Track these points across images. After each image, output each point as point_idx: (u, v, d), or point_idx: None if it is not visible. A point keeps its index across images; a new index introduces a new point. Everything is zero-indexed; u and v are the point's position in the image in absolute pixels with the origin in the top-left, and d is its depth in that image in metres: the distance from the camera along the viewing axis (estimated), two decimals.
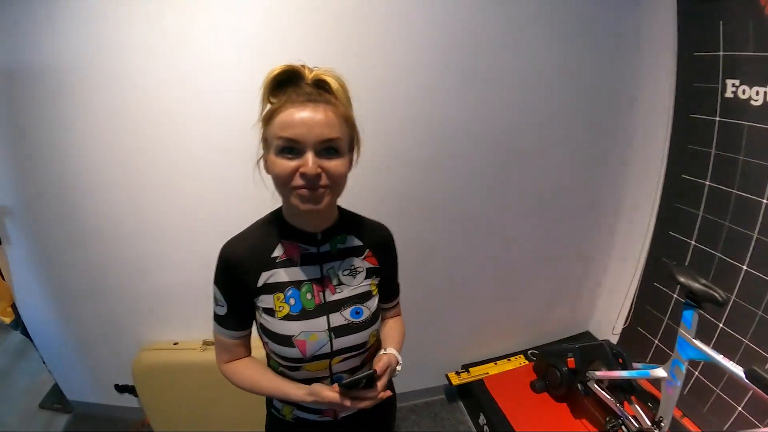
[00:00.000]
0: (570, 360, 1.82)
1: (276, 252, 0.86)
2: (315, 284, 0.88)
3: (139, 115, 1.63)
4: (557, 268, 2.22)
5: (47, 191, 1.77)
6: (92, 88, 1.61)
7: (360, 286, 0.92)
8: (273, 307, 0.85)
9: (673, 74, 1.76)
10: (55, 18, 1.55)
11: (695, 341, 1.32)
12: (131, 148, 1.67)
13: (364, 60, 1.62)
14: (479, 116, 1.79)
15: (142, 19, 1.53)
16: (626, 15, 1.79)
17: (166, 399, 1.90)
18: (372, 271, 0.95)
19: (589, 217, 2.14)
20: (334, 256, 0.90)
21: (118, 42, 1.55)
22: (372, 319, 0.92)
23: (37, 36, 1.59)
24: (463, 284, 2.11)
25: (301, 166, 0.74)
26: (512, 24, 1.69)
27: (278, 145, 0.75)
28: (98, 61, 1.57)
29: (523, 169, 1.93)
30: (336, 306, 0.88)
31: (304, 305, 0.86)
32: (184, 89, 1.60)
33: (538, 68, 1.77)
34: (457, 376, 2.18)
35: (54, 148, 1.70)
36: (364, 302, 0.91)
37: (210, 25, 1.54)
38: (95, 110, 1.63)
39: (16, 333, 2.51)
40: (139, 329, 1.98)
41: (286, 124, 0.74)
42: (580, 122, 1.91)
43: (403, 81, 1.68)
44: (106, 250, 1.84)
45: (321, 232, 0.89)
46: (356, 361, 0.94)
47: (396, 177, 1.81)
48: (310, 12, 1.55)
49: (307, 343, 0.85)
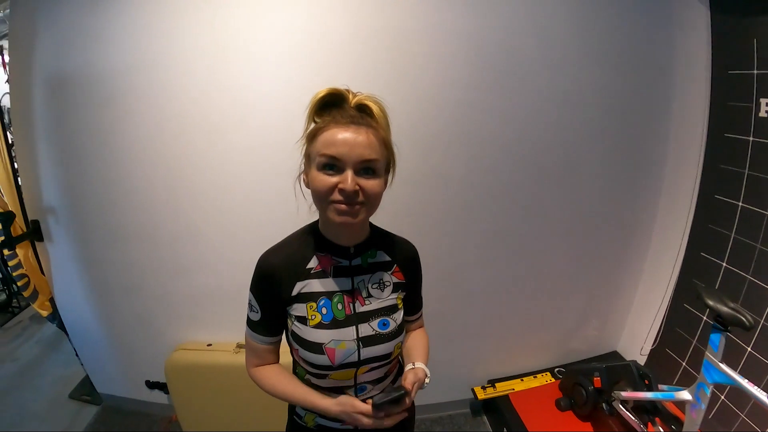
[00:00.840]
0: (596, 379, 1.82)
1: (311, 263, 0.91)
2: (346, 295, 0.93)
3: (181, 123, 1.72)
4: (587, 286, 2.21)
5: (90, 192, 1.88)
6: (137, 96, 1.72)
7: (387, 299, 0.97)
8: (305, 315, 0.89)
9: (707, 93, 1.76)
10: (103, 29, 1.67)
11: (721, 365, 1.32)
12: (172, 154, 1.77)
13: (399, 76, 1.68)
14: (511, 133, 1.81)
15: (186, 33, 1.63)
16: (660, 33, 1.80)
17: (196, 398, 1.96)
18: (398, 286, 1.00)
19: (620, 236, 2.13)
20: (364, 269, 0.96)
21: (163, 53, 1.66)
22: (397, 331, 0.96)
23: (85, 46, 1.71)
24: (492, 299, 2.12)
25: (340, 182, 0.80)
26: (546, 42, 1.71)
27: (320, 161, 0.81)
28: (144, 71, 1.69)
29: (554, 187, 1.94)
30: (365, 317, 0.93)
31: (335, 315, 0.91)
32: (225, 100, 1.69)
33: (572, 86, 1.78)
34: (483, 390, 2.19)
35: (98, 152, 1.82)
36: (390, 314, 0.96)
37: (251, 41, 1.63)
38: (139, 117, 1.74)
39: (51, 325, 2.65)
40: (173, 328, 2.06)
41: (330, 142, 0.80)
42: (613, 141, 1.92)
43: (436, 97, 1.72)
44: (145, 250, 1.94)
45: (354, 246, 0.94)
46: (380, 372, 0.98)
47: (426, 191, 1.85)
48: (347, 30, 1.62)
49: (336, 351, 0.89)
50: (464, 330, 2.15)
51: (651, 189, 2.06)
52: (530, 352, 2.32)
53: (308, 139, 0.86)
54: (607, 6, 1.71)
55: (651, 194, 2.07)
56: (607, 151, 1.93)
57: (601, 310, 2.30)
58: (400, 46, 1.65)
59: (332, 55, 1.64)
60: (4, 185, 2.00)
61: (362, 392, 0.97)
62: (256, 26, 1.62)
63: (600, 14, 1.72)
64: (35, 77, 1.80)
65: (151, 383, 2.22)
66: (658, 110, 1.92)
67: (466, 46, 1.67)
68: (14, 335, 3.41)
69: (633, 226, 2.12)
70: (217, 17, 1.61)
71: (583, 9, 1.70)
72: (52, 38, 1.74)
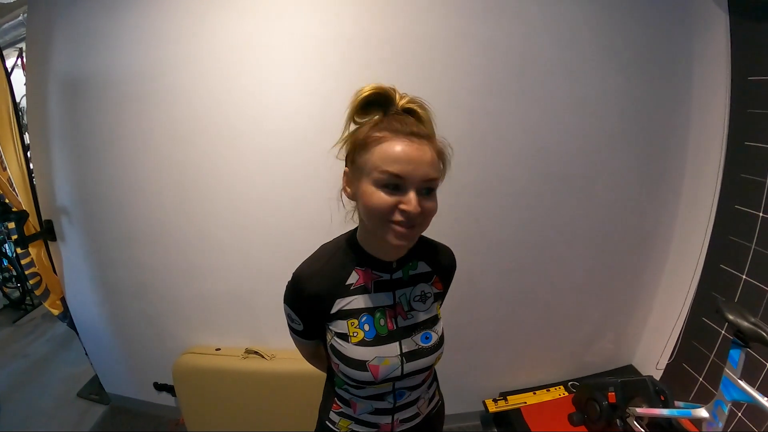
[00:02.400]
0: (611, 394, 1.80)
1: (350, 279, 0.88)
2: (388, 310, 0.90)
3: (195, 127, 1.76)
4: (603, 299, 2.18)
5: (103, 194, 1.93)
6: (151, 100, 1.76)
7: (429, 311, 0.95)
8: (347, 332, 0.87)
9: (726, 100, 1.74)
10: (119, 33, 1.72)
11: (740, 382, 1.30)
12: (185, 158, 1.81)
13: (414, 82, 1.66)
14: (528, 141, 1.80)
15: (200, 38, 1.67)
16: (678, 39, 1.79)
17: (203, 402, 1.99)
18: (438, 296, 0.99)
19: (638, 248, 2.10)
20: (405, 282, 0.93)
21: (177, 58, 1.70)
22: (439, 343, 0.95)
23: (101, 50, 1.76)
24: (506, 311, 2.11)
25: (402, 203, 0.75)
26: (565, 48, 1.71)
27: (380, 178, 0.75)
28: (158, 75, 1.73)
29: (571, 196, 1.92)
30: (408, 332, 0.91)
31: (378, 331, 0.89)
32: (238, 105, 1.71)
33: (589, 92, 1.78)
34: (495, 403, 2.17)
35: (112, 154, 1.86)
36: (432, 327, 0.95)
37: (265, 45, 1.66)
38: (153, 120, 1.78)
39: (61, 324, 2.70)
40: (182, 332, 2.09)
41: (392, 158, 0.74)
42: (632, 149, 1.90)
43: (452, 104, 1.72)
44: (156, 253, 1.97)
45: (396, 260, 0.91)
46: (418, 379, 0.97)
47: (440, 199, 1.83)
48: (361, 36, 1.64)
49: (381, 367, 0.87)
50: (476, 341, 2.14)
51: (669, 198, 2.04)
52: (543, 365, 2.30)
53: (356, 147, 0.80)
54: (624, 12, 1.71)
55: (669, 204, 2.05)
56: (625, 159, 1.91)
57: (617, 323, 2.27)
58: (415, 52, 1.66)
59: (346, 61, 1.66)
60: (19, 185, 2.06)
61: (401, 398, 0.96)
62: (269, 31, 1.64)
63: (618, 20, 1.71)
64: (51, 80, 1.86)
65: (159, 385, 2.26)
66: (676, 118, 1.90)
67: (483, 53, 1.68)
68: (26, 332, 3.50)
69: (651, 236, 2.09)
70: (232, 22, 1.64)
71: (601, 15, 1.70)
72: (69, 42, 1.79)
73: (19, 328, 3.59)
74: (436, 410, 1.10)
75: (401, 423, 0.99)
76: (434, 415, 1.09)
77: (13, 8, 2.90)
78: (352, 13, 1.62)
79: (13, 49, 3.11)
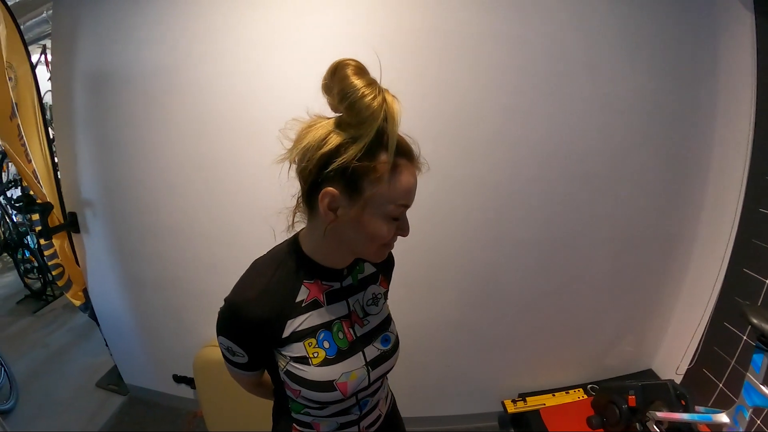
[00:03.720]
0: (631, 397, 1.79)
1: (300, 296, 0.81)
2: (344, 321, 0.85)
3: (220, 123, 1.79)
4: (624, 301, 2.16)
5: (127, 188, 1.99)
6: (175, 95, 1.80)
7: (382, 312, 0.93)
8: (306, 355, 0.79)
9: (752, 100, 1.71)
10: (144, 29, 1.77)
11: (763, 387, 1.30)
12: (211, 154, 1.84)
13: (443, 80, 1.70)
14: (552, 139, 1.80)
15: (226, 33, 1.70)
16: (704, 39, 1.77)
17: (222, 395, 2.01)
18: (385, 295, 0.97)
19: (660, 250, 2.08)
20: (356, 288, 0.89)
21: (201, 53, 1.74)
22: (397, 342, 0.94)
23: (126, 46, 1.81)
24: (526, 310, 2.11)
25: (399, 228, 0.76)
26: (590, 47, 1.71)
27: (393, 211, 0.72)
28: (184, 70, 1.77)
29: (594, 196, 1.92)
30: (368, 338, 0.88)
31: (339, 345, 0.83)
32: (265, 101, 1.74)
33: (615, 92, 1.77)
34: (513, 404, 2.16)
35: (137, 149, 1.92)
36: (388, 328, 0.93)
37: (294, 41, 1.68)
38: (179, 115, 1.82)
39: (81, 315, 2.79)
40: (203, 325, 2.13)
41: (408, 191, 0.72)
42: (655, 150, 1.88)
43: (480, 102, 1.73)
44: (180, 246, 2.02)
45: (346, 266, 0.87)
46: (380, 383, 0.95)
47: (465, 197, 1.85)
48: (391, 32, 1.65)
49: (348, 383, 0.82)
50: (496, 341, 2.15)
51: (693, 200, 2.01)
52: (563, 367, 2.29)
53: (362, 172, 0.69)
54: (650, 11, 1.70)
55: (693, 206, 2.02)
56: (650, 159, 1.90)
57: (638, 326, 2.26)
58: (444, 49, 1.67)
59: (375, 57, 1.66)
60: (44, 178, 2.12)
61: (365, 407, 0.93)
62: (294, 28, 1.66)
63: (644, 20, 1.70)
64: (77, 75, 1.92)
65: (178, 377, 2.31)
66: (701, 118, 1.88)
67: (512, 51, 1.68)
68: (46, 322, 3.60)
69: (674, 238, 2.08)
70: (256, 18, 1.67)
71: (628, 14, 1.69)
72: (94, 38, 1.85)
73: (39, 318, 3.70)
74: (391, 406, 1.09)
75: (367, 429, 0.96)
76: (391, 411, 1.08)
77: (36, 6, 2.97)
78: (381, 8, 1.63)
79: (36, 46, 3.17)
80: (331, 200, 0.71)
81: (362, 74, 0.67)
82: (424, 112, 1.70)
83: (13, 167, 4.84)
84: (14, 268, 4.32)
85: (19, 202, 2.52)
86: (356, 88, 0.64)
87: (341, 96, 0.66)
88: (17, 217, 4.31)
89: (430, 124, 1.72)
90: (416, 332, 2.01)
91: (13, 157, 2.00)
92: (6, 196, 4.41)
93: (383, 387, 0.99)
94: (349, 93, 0.65)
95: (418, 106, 1.68)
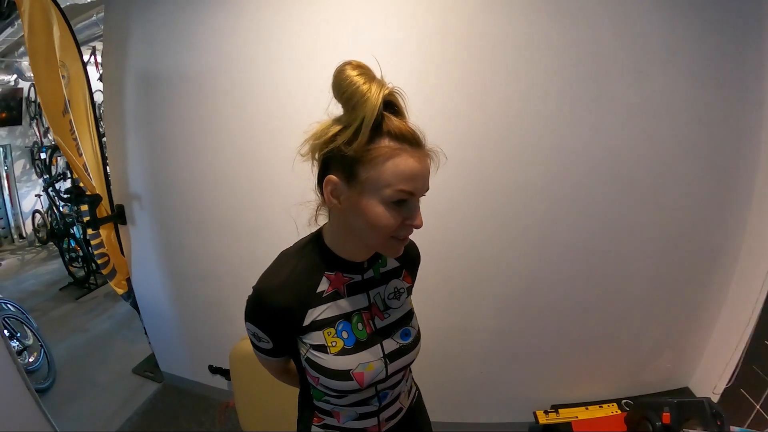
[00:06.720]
0: (665, 414, 1.76)
1: (321, 286, 0.84)
2: (364, 313, 0.88)
3: (268, 123, 1.85)
4: (663, 316, 2.10)
5: (175, 183, 2.08)
6: (222, 94, 1.89)
7: (403, 307, 0.95)
8: (324, 343, 0.83)
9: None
10: (194, 31, 1.86)
11: None
12: (258, 153, 1.91)
13: (485, 86, 1.71)
14: (596, 146, 1.79)
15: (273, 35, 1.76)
16: (752, 45, 1.71)
17: (256, 388, 2.06)
18: (409, 290, 0.99)
19: (703, 263, 2.01)
20: (378, 281, 0.92)
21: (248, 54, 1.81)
22: (418, 337, 0.96)
23: (177, 47, 1.90)
24: (563, 320, 2.08)
25: (408, 219, 0.76)
26: (635, 51, 1.69)
27: (391, 196, 0.73)
28: (233, 71, 1.85)
29: (637, 205, 1.88)
30: (387, 331, 0.90)
31: (357, 336, 0.86)
32: (310, 101, 1.74)
33: (660, 97, 1.74)
34: (545, 415, 2.14)
35: (185, 146, 2.01)
36: (410, 322, 0.95)
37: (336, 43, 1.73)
38: (227, 115, 1.90)
39: (123, 303, 2.93)
40: (241, 319, 2.16)
41: (407, 176, 0.72)
42: (701, 159, 1.84)
43: (523, 109, 1.73)
44: (224, 241, 2.10)
45: (367, 259, 0.90)
46: (400, 377, 0.97)
47: (508, 203, 1.85)
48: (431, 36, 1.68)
49: (365, 373, 0.84)
50: (530, 350, 2.13)
51: (738, 215, 1.95)
52: (598, 380, 2.25)
53: (358, 158, 0.72)
54: (695, 17, 1.67)
55: (738, 218, 1.96)
56: (695, 167, 1.85)
57: (677, 342, 2.20)
58: (486, 55, 1.68)
59: (414, 61, 1.70)
60: (94, 171, 2.25)
61: (385, 399, 0.95)
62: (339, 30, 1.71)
63: (688, 26, 1.67)
64: (127, 76, 2.03)
65: (213, 368, 2.39)
66: (748, 129, 1.82)
67: (555, 58, 1.68)
68: (88, 309, 3.80)
69: (717, 251, 2.01)
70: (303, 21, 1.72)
71: (672, 19, 1.67)
72: (144, 37, 1.95)
73: (81, 304, 3.90)
74: (415, 400, 1.10)
75: (387, 422, 0.98)
76: (415, 405, 1.09)
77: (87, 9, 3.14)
78: (423, 13, 1.66)
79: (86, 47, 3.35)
80: (333, 188, 0.76)
81: (358, 69, 0.72)
82: (466, 117, 1.72)
83: (62, 162, 5.15)
84: (59, 257, 4.57)
85: (68, 194, 2.68)
86: (350, 78, 0.70)
87: (338, 90, 0.72)
88: (64, 209, 4.57)
89: (471, 130, 1.74)
90: (452, 337, 2.03)
91: (66, 151, 2.13)
92: (54, 188, 4.67)
93: (405, 380, 1.01)
94: (344, 84, 0.70)
95: (462, 112, 1.71)
